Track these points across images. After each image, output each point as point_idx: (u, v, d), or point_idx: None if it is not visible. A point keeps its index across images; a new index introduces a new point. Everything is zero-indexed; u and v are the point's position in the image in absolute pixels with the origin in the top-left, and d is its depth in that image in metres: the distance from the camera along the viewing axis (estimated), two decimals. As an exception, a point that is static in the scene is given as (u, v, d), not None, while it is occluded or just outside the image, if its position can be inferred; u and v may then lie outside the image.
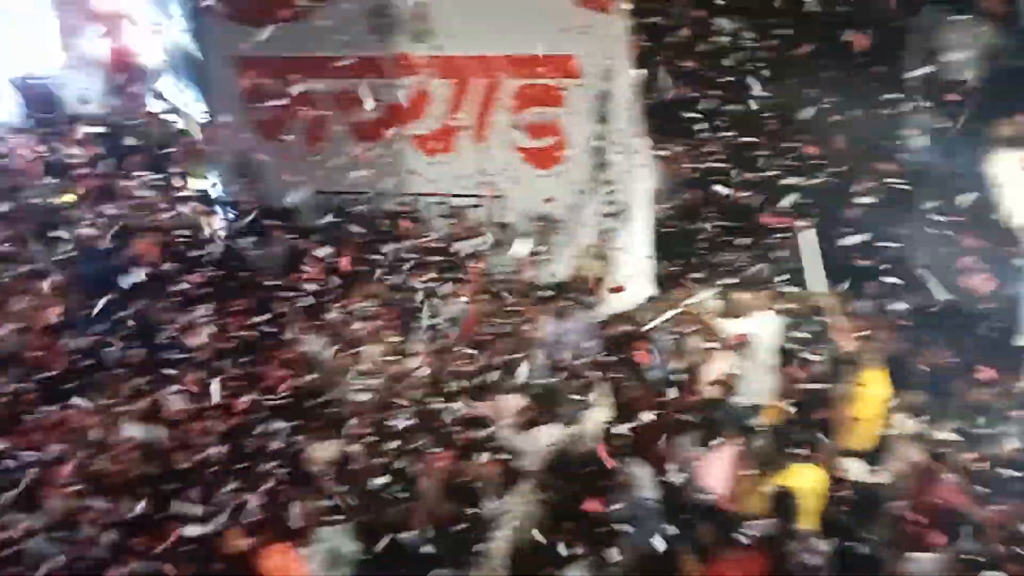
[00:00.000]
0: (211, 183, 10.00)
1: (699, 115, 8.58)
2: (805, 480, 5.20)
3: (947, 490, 5.21)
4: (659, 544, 4.84)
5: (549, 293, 7.62)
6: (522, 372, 6.49)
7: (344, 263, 7.79)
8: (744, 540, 4.79)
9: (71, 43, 12.19)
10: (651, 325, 6.82)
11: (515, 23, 8.86)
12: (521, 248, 8.11)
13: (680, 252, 8.05)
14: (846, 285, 7.07)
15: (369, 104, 8.94)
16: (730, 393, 6.16)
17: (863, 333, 6.43)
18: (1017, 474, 5.37)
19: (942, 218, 6.85)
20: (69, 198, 8.53)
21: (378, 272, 8.11)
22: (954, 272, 7.11)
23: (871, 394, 5.92)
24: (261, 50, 9.22)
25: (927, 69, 7.62)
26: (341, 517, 5.23)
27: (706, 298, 6.81)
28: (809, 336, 6.66)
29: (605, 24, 8.78)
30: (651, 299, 6.96)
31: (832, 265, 7.43)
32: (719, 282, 7.15)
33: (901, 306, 7.39)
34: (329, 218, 9.16)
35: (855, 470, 5.69)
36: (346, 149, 9.39)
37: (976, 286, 6.49)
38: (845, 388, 6.05)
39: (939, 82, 7.80)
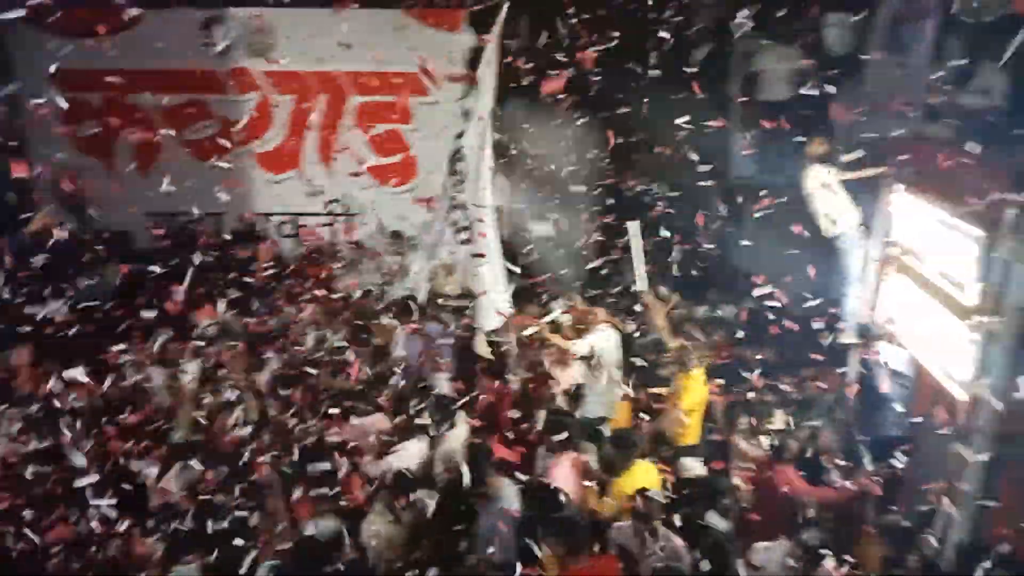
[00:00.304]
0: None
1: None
2: (641, 478, 5.42)
3: (783, 480, 5.61)
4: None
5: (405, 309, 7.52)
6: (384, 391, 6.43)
7: (181, 292, 7.28)
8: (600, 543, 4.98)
9: None
10: (507, 341, 6.93)
11: (360, 39, 8.83)
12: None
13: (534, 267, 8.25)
14: (669, 287, 7.56)
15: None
16: (578, 405, 6.38)
17: (688, 333, 6.86)
18: (841, 462, 5.90)
19: (769, 228, 7.44)
20: None
21: (225, 296, 7.68)
22: (782, 276, 7.75)
23: (694, 392, 6.27)
24: (85, 63, 8.63)
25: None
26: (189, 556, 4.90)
27: (556, 314, 6.99)
28: (647, 344, 7.05)
29: (454, 42, 8.93)
30: (509, 315, 7.07)
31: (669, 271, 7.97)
32: (567, 297, 7.37)
33: (731, 309, 7.95)
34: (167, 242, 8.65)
35: (689, 466, 5.99)
36: (184, 168, 8.94)
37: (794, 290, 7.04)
38: (672, 387, 6.38)
39: (757, 102, 8.53)
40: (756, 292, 6.99)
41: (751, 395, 6.56)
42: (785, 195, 7.31)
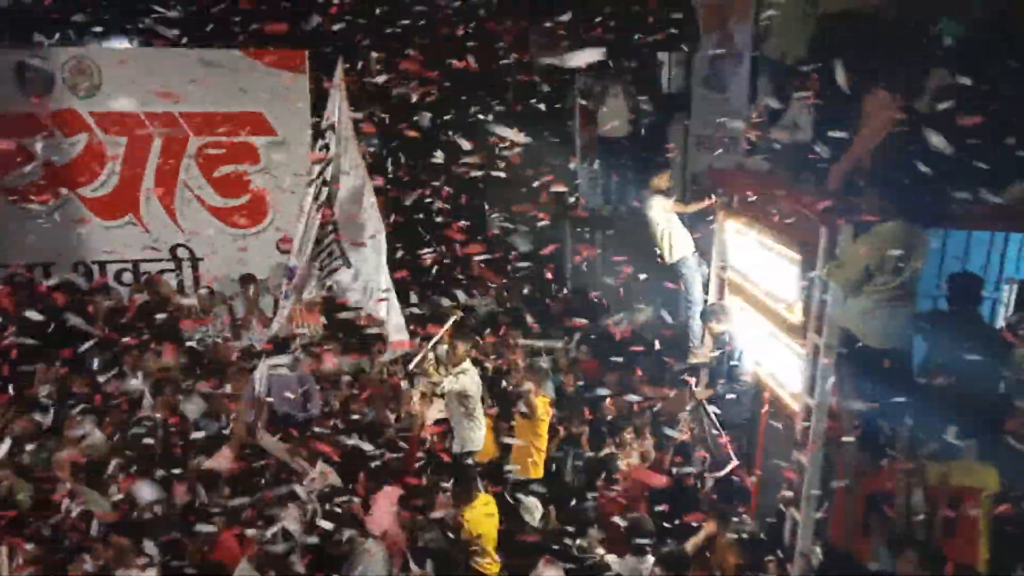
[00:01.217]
0: None
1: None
2: (483, 509, 5.63)
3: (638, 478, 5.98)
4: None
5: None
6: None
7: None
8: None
9: None
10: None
11: (197, 80, 8.53)
12: None
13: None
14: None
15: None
16: (446, 438, 6.46)
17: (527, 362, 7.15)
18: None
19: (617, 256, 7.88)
20: None
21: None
22: (629, 302, 8.19)
23: (540, 422, 6.54)
24: None
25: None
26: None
27: (429, 349, 7.06)
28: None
29: (296, 82, 8.79)
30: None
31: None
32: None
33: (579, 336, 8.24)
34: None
35: (529, 506, 6.20)
36: (7, 215, 8.27)
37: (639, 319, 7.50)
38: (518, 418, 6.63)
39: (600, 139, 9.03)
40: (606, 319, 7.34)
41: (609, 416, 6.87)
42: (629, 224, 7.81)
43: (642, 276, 7.67)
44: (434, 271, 8.46)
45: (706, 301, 6.96)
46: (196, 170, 8.78)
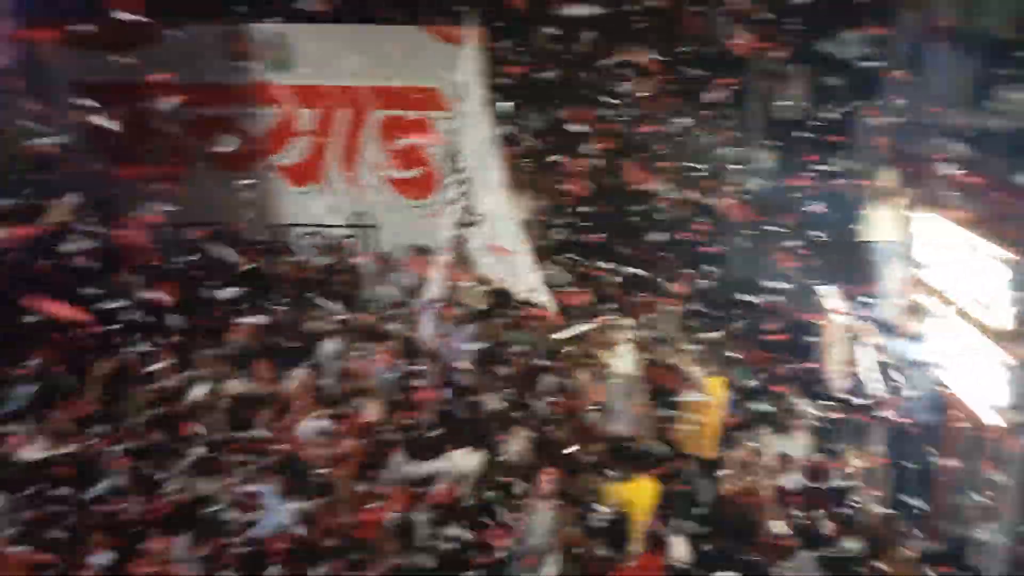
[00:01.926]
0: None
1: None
2: (639, 492, 5.64)
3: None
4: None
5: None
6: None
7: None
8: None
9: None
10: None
11: (380, 55, 8.93)
12: None
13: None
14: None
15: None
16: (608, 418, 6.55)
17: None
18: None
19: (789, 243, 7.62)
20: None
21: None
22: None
23: (712, 402, 6.42)
24: (110, 76, 8.74)
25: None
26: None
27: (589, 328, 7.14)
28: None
29: (466, 57, 8.99)
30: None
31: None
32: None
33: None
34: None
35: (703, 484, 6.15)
36: (208, 180, 9.03)
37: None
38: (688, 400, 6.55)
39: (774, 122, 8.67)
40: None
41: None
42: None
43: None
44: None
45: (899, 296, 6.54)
46: (376, 142, 9.21)
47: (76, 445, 5.96)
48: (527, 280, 7.24)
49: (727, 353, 7.19)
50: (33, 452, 5.87)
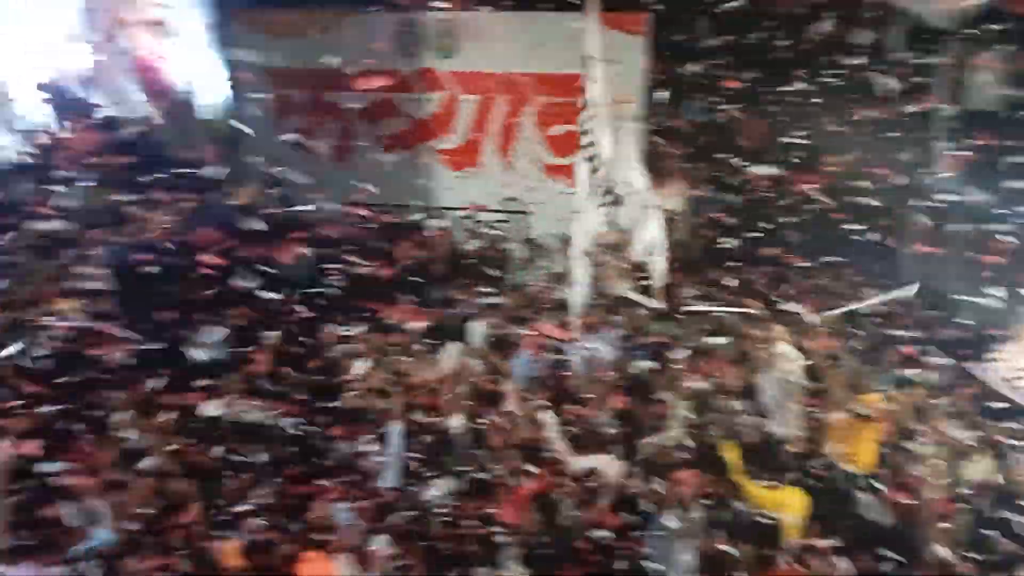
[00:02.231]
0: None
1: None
2: (791, 502, 5.42)
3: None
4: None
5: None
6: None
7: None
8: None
9: (101, 48, 12.36)
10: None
11: (542, 42, 9.04)
12: None
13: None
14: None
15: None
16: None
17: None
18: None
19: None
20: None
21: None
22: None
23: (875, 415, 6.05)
24: (290, 62, 9.43)
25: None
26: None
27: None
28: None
29: (631, 45, 8.94)
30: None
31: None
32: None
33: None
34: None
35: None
36: (372, 161, 9.53)
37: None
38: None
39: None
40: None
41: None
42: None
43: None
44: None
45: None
46: (533, 128, 9.35)
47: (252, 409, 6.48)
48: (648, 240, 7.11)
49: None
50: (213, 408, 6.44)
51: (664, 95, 9.06)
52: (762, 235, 8.85)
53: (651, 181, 9.23)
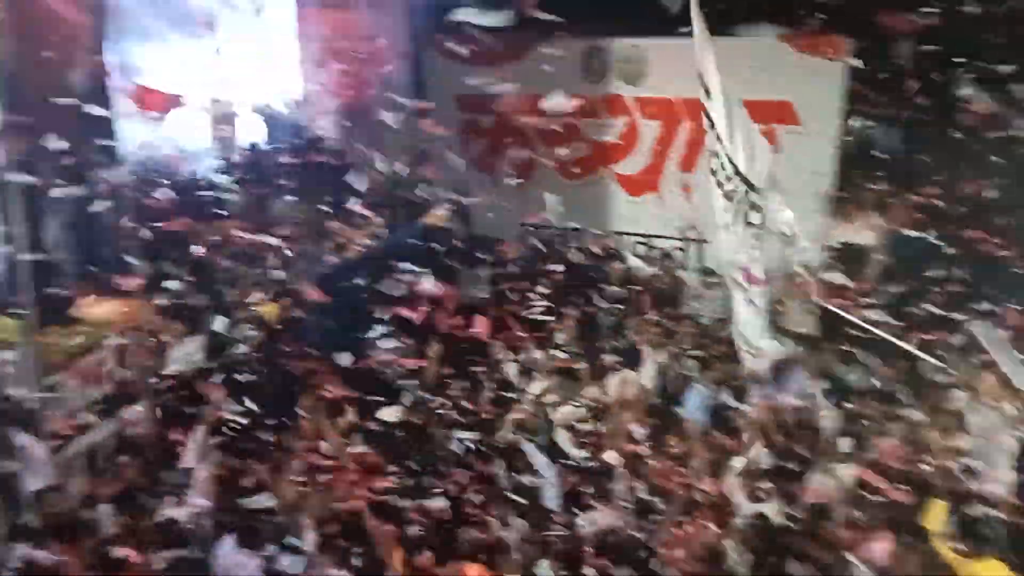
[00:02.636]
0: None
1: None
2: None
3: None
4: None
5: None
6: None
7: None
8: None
9: (311, 77, 13.53)
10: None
11: (733, 68, 8.80)
12: None
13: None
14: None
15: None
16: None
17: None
18: None
19: None
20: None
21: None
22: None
23: None
24: (480, 89, 9.81)
25: None
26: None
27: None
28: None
29: (827, 71, 8.53)
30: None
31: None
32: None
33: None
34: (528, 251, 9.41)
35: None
36: (553, 185, 9.69)
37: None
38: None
39: None
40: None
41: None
42: None
43: None
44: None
45: None
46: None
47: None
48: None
49: None
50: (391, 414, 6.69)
51: (862, 123, 8.53)
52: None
53: (841, 214, 8.85)
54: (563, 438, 6.47)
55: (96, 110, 5.38)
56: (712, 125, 6.65)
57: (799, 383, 6.56)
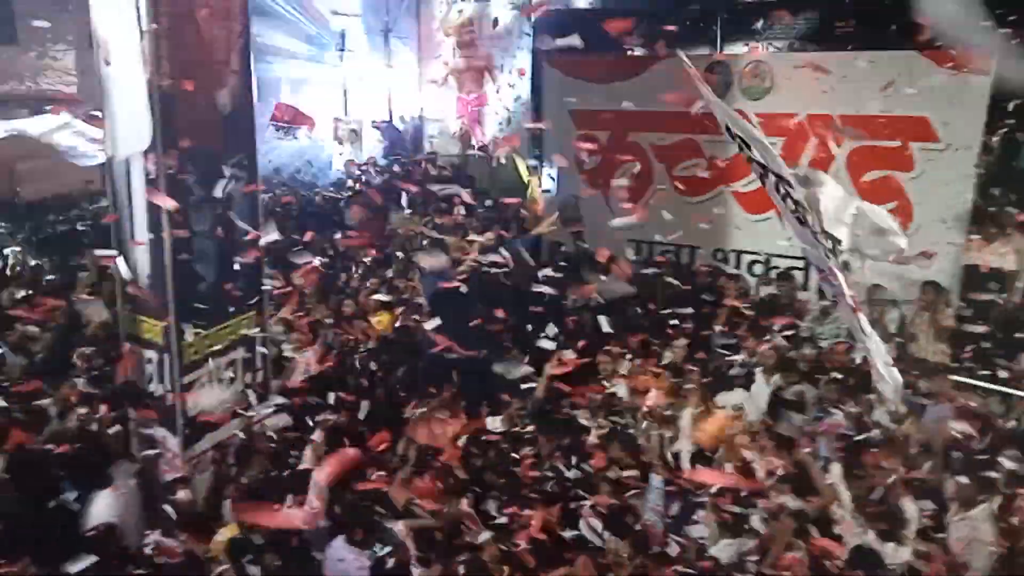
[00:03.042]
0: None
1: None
2: None
3: None
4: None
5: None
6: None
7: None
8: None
9: (429, 93, 14.00)
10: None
11: (857, 83, 8.46)
12: None
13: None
14: None
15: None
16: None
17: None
18: None
19: None
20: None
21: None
22: None
23: None
24: (597, 104, 9.82)
25: None
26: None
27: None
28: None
29: (971, 86, 8.02)
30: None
31: None
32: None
33: None
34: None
35: None
36: (669, 201, 9.54)
37: None
38: None
39: None
40: None
41: None
42: None
43: None
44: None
45: None
46: (844, 172, 8.72)
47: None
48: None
49: None
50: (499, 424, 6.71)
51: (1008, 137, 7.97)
52: None
53: (981, 234, 8.28)
54: (680, 455, 6.38)
55: (240, 126, 5.67)
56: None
57: (935, 414, 6.17)
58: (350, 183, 12.92)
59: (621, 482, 5.78)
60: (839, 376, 6.95)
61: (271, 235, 6.24)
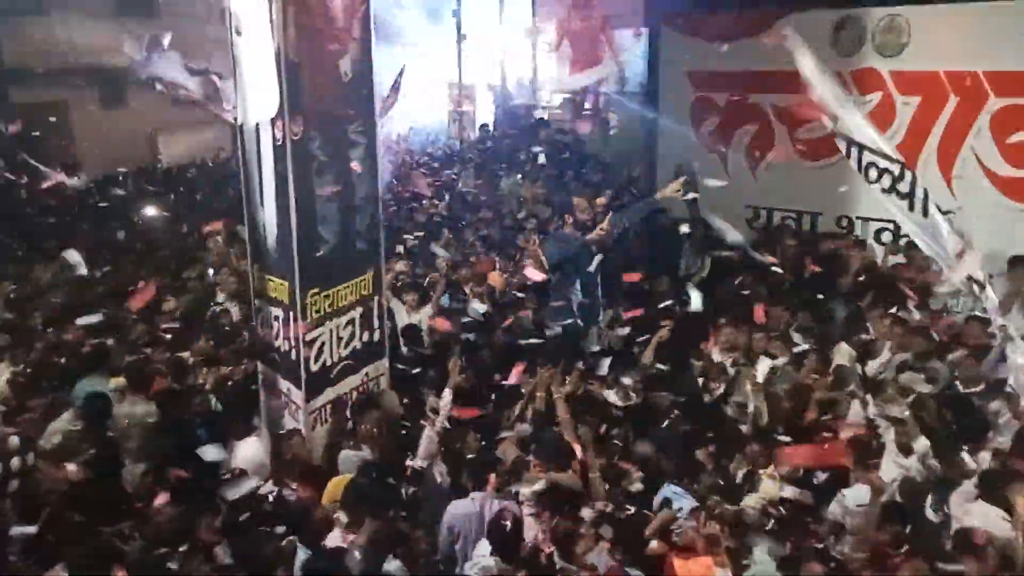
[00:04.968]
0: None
1: None
2: None
3: None
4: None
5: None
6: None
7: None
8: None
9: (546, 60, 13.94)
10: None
11: (1007, 36, 7.77)
12: None
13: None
14: None
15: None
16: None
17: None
18: None
19: None
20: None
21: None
22: None
23: None
24: (715, 65, 9.48)
25: None
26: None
27: None
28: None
29: None
30: None
31: None
32: None
33: None
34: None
35: None
36: (789, 165, 9.15)
37: None
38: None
39: None
40: None
41: None
42: None
43: None
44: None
45: None
46: (987, 134, 8.09)
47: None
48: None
49: None
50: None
51: None
52: None
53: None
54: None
55: (360, 92, 5.83)
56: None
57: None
58: (462, 149, 13.11)
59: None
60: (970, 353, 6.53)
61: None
